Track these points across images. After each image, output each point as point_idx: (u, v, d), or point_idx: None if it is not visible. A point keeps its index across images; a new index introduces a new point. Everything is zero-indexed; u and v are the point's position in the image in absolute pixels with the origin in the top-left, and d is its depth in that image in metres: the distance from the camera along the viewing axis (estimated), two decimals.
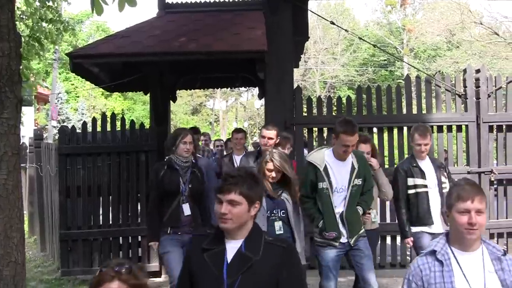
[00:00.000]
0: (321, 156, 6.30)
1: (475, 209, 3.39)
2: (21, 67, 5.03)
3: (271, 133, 7.68)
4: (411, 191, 7.17)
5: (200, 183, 7.09)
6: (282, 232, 5.98)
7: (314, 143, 9.75)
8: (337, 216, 6.23)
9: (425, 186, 7.12)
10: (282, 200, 6.05)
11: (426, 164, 7.23)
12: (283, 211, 6.03)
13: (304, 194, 6.33)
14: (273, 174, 5.96)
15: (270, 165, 5.94)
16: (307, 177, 6.32)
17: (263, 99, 10.32)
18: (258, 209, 3.52)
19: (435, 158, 7.83)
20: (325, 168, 6.20)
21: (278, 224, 5.98)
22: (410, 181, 7.18)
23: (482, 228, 3.45)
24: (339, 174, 6.23)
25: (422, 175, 7.14)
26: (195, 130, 10.10)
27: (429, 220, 7.05)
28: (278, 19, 9.44)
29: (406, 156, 9.86)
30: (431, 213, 7.06)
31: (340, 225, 6.24)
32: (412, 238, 7.16)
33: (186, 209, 6.84)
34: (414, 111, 9.98)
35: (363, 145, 7.08)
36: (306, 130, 9.87)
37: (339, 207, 6.25)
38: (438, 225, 7.04)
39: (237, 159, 9.10)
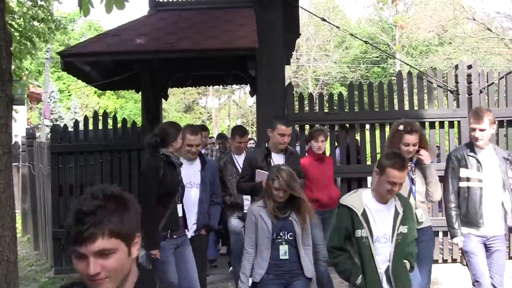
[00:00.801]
0: (359, 198, 5.07)
1: None
2: (13, 67, 5.03)
3: (290, 129, 7.26)
4: (462, 184, 6.22)
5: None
6: (287, 257, 5.48)
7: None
8: (381, 271, 4.96)
9: (480, 180, 6.12)
10: (290, 221, 5.51)
11: (486, 155, 6.23)
12: (291, 233, 5.49)
13: (336, 246, 5.11)
14: (280, 194, 5.43)
15: (276, 184, 5.41)
16: (339, 224, 5.11)
17: (255, 97, 10.31)
18: (140, 245, 2.49)
19: (501, 149, 6.78)
20: (364, 213, 4.96)
21: (283, 248, 5.47)
22: (463, 172, 6.20)
23: None
24: (381, 221, 5.00)
25: (478, 167, 6.14)
26: (203, 128, 10.35)
27: (477, 220, 6.09)
28: (269, 16, 9.43)
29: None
30: (481, 213, 6.08)
31: (385, 283, 4.97)
32: (462, 238, 6.18)
33: (180, 210, 6.44)
34: (406, 107, 9.99)
35: (408, 136, 5.93)
36: (298, 127, 9.85)
37: (383, 261, 4.98)
38: (490, 228, 6.11)
39: (238, 159, 8.46)
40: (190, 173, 6.86)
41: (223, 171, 8.33)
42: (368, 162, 10.20)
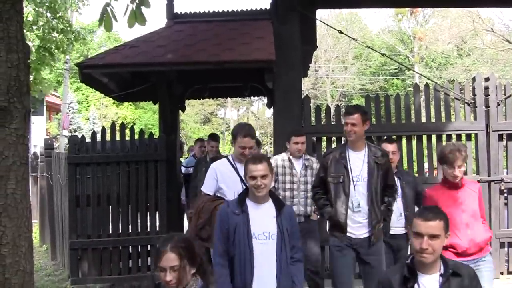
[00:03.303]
0: None
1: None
2: (31, 78, 5.08)
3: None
4: None
5: None
6: None
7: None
8: None
9: None
10: None
11: None
12: None
13: None
14: None
15: None
16: None
17: (272, 108, 10.33)
18: None
19: None
20: None
21: None
22: None
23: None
24: None
25: None
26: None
27: None
28: (286, 29, 9.44)
29: (415, 164, 9.89)
30: None
31: None
32: None
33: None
34: (423, 119, 9.95)
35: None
36: (315, 139, 9.84)
37: None
38: None
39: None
40: (262, 220, 5.17)
41: None
42: None
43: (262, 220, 5.08)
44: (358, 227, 6.14)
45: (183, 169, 11.52)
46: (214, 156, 9.81)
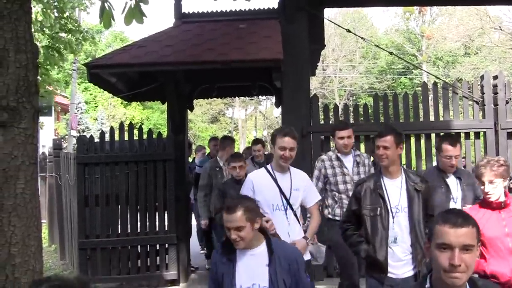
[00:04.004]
0: None
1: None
2: (39, 77, 5.09)
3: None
4: None
5: None
6: None
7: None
8: None
9: None
10: None
11: None
12: None
13: None
14: None
15: None
16: None
17: (280, 108, 10.32)
18: None
19: None
20: None
21: None
22: None
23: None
24: None
25: None
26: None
27: None
28: (294, 28, 9.44)
29: (424, 163, 9.85)
30: None
31: None
32: None
33: None
34: (432, 118, 9.94)
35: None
36: (323, 138, 9.83)
37: None
38: None
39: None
40: (252, 269, 4.43)
41: None
42: None
43: (252, 270, 4.36)
44: (400, 265, 5.30)
45: (196, 168, 11.32)
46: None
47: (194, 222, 11.88)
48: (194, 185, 11.01)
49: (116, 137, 10.08)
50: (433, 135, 9.75)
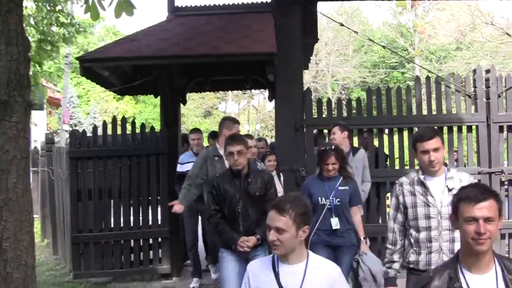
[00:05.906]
0: None
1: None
2: (31, 71, 5.05)
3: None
4: None
5: None
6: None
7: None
8: None
9: None
10: None
11: None
12: None
13: None
14: None
15: None
16: None
17: (274, 102, 10.29)
18: None
19: None
20: None
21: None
22: None
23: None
24: None
25: None
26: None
27: None
28: (287, 21, 9.42)
29: (415, 158, 9.86)
30: None
31: None
32: None
33: None
34: (424, 112, 9.94)
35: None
36: (316, 131, 9.81)
37: None
38: None
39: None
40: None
41: None
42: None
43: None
44: None
45: (178, 166, 9.96)
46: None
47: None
48: (177, 186, 9.65)
49: (109, 131, 10.04)
50: None
